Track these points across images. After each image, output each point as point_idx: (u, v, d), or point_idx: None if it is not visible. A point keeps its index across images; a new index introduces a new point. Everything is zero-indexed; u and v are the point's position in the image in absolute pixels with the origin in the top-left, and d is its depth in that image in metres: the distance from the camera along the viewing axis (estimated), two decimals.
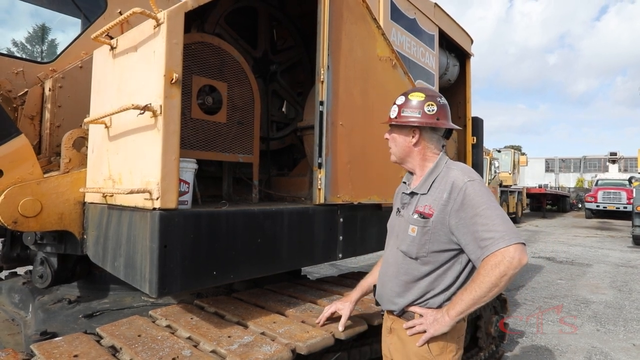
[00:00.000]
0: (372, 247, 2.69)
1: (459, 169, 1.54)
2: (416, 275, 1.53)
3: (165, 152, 1.54)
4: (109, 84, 1.93)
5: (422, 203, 1.54)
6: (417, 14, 3.07)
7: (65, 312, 2.22)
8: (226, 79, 2.22)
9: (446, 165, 1.58)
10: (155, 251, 1.53)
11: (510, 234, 1.36)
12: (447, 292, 1.51)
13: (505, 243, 1.34)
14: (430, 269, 1.51)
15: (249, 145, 2.33)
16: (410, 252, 1.53)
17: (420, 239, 1.50)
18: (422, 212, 1.51)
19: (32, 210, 1.91)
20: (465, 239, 1.43)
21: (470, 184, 1.45)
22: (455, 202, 1.44)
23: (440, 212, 1.47)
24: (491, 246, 1.35)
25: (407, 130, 1.60)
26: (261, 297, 2.32)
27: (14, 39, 4.44)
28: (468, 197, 1.43)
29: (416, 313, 1.55)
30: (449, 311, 1.44)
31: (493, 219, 1.38)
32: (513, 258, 1.32)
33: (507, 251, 1.33)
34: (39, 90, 3.09)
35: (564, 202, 25.72)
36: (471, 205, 1.41)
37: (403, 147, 1.62)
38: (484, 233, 1.38)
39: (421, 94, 1.59)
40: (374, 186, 2.52)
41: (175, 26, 1.57)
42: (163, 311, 2.06)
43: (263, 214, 1.93)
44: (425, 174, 1.59)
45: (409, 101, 1.59)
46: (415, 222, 1.52)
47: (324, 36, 2.16)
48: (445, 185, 1.49)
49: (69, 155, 2.12)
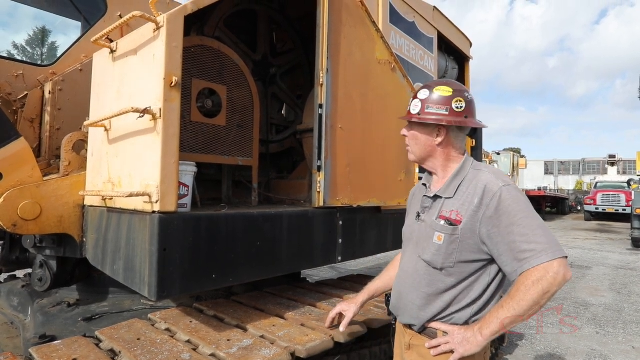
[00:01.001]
0: (372, 249, 2.69)
1: (490, 172, 1.39)
2: (440, 287, 1.39)
3: (164, 156, 1.54)
4: (108, 87, 1.93)
5: (447, 208, 1.39)
6: (416, 17, 3.08)
7: (65, 315, 2.22)
8: (226, 82, 2.23)
9: (473, 166, 1.44)
10: (154, 254, 1.53)
11: (554, 246, 1.23)
12: (473, 307, 1.37)
13: (549, 257, 1.21)
14: (456, 281, 1.37)
15: (249, 148, 2.33)
16: (435, 261, 1.38)
17: (447, 247, 1.35)
18: (448, 218, 1.36)
19: (32, 213, 1.91)
20: (500, 250, 1.29)
21: (505, 189, 1.31)
22: (488, 209, 1.30)
23: (470, 218, 1.32)
24: (532, 259, 1.22)
25: (432, 128, 1.44)
26: (260, 300, 2.32)
27: (14, 41, 4.46)
28: (504, 203, 1.29)
29: (439, 330, 1.40)
30: (482, 330, 1.28)
31: (534, 229, 1.25)
32: (557, 274, 1.20)
33: (551, 266, 1.20)
34: (39, 93, 3.09)
35: (563, 205, 25.74)
36: (507, 212, 1.28)
37: (425, 146, 1.47)
38: (523, 244, 1.24)
39: (448, 87, 1.42)
40: (373, 189, 2.52)
41: (174, 30, 1.57)
42: (162, 314, 2.06)
43: (262, 217, 1.93)
44: (450, 176, 1.44)
45: (434, 96, 1.41)
46: (442, 229, 1.37)
47: (323, 39, 2.17)
48: (476, 189, 1.35)
49: (68, 158, 2.12)
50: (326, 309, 2.21)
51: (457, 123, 1.41)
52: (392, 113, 2.56)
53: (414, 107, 1.45)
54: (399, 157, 2.70)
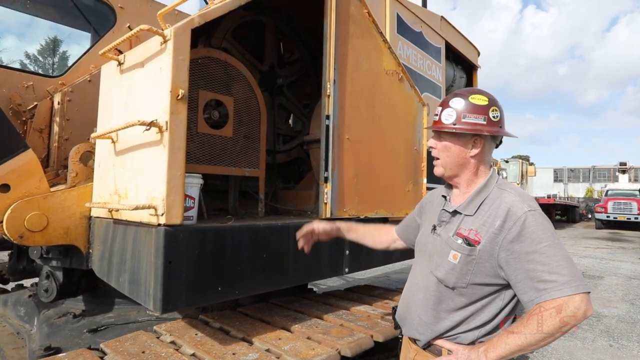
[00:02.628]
0: (379, 261, 2.66)
1: (515, 194, 1.32)
2: (450, 305, 1.34)
3: (170, 168, 1.53)
4: (116, 99, 1.94)
5: (466, 226, 1.33)
6: (424, 27, 3.08)
7: (70, 327, 2.21)
8: (232, 93, 2.23)
9: (497, 185, 1.36)
10: (159, 267, 1.52)
11: (577, 280, 1.17)
12: (482, 329, 1.32)
13: (571, 290, 1.15)
14: (467, 302, 1.32)
15: (255, 159, 2.33)
16: (448, 280, 1.32)
17: (461, 268, 1.29)
18: (467, 237, 1.31)
19: (39, 225, 1.91)
20: (517, 277, 1.23)
21: (531, 214, 1.24)
22: (510, 233, 1.23)
23: (489, 241, 1.26)
24: (552, 291, 1.16)
25: (467, 138, 1.36)
26: (267, 311, 2.29)
27: (26, 52, 4.52)
28: (527, 229, 1.22)
29: (444, 348, 1.35)
30: (488, 353, 1.22)
31: (557, 259, 1.19)
32: (578, 309, 1.13)
33: (572, 300, 1.14)
34: (48, 104, 3.13)
35: (574, 213, 25.40)
36: (531, 239, 1.21)
37: (459, 158, 1.38)
38: (544, 274, 1.18)
39: (484, 96, 1.36)
40: (380, 200, 2.49)
41: (181, 43, 1.58)
42: (168, 326, 2.04)
43: (269, 229, 1.91)
44: (473, 192, 1.37)
45: (470, 104, 1.34)
46: (459, 248, 1.31)
47: (330, 50, 2.16)
48: (499, 210, 1.28)
49: (75, 170, 2.13)
50: (333, 322, 2.18)
51: (494, 133, 1.35)
52: (400, 123, 2.55)
53: (446, 117, 1.36)
54: (406, 168, 2.67)
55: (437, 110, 1.42)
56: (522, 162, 19.57)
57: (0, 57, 11.31)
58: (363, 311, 2.38)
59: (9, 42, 13.48)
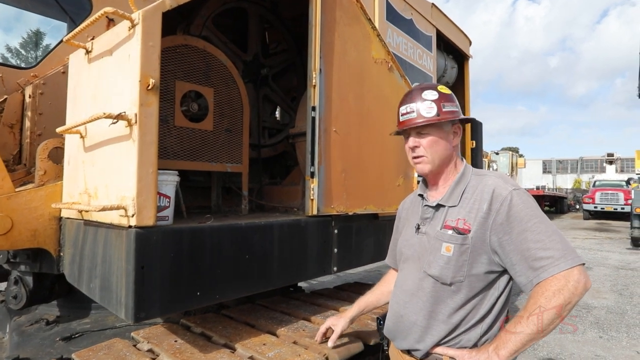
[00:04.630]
0: (369, 258, 2.56)
1: (495, 176, 1.31)
2: (449, 304, 1.26)
3: (141, 165, 1.41)
4: (84, 91, 1.80)
5: (453, 217, 1.29)
6: (414, 15, 2.96)
7: (42, 335, 2.08)
8: (212, 84, 2.10)
9: (474, 172, 1.36)
10: (130, 273, 1.40)
11: (571, 253, 1.14)
12: (482, 324, 1.25)
13: (568, 264, 1.12)
14: (465, 298, 1.25)
15: (238, 153, 2.20)
16: (445, 275, 1.25)
17: (457, 259, 1.23)
18: (456, 227, 1.25)
19: (2, 228, 1.77)
20: (512, 259, 1.19)
21: (516, 193, 1.22)
22: (498, 215, 1.20)
23: (479, 226, 1.22)
24: (550, 267, 1.12)
25: (448, 128, 1.35)
26: (252, 314, 2.19)
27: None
28: (515, 208, 1.19)
29: (445, 356, 1.25)
30: (499, 350, 1.15)
31: (549, 234, 1.16)
32: (578, 282, 1.10)
33: (571, 274, 1.11)
34: (19, 97, 2.95)
35: (562, 204, 25.68)
36: (519, 218, 1.18)
37: (446, 150, 1.35)
38: (538, 251, 1.14)
39: (444, 86, 1.39)
40: (369, 195, 2.39)
41: (151, 27, 1.44)
42: (146, 332, 1.92)
43: (251, 228, 1.80)
44: (452, 183, 1.34)
45: (443, 94, 1.33)
46: (451, 239, 1.25)
47: (315, 38, 2.04)
48: (482, 194, 1.25)
49: (43, 167, 1.99)
50: (320, 323, 2.07)
51: (466, 118, 1.39)
52: (389, 115, 2.43)
53: (427, 110, 1.31)
54: (396, 161, 2.57)
55: (409, 108, 1.36)
56: (512, 154, 19.69)
57: None
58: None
59: None
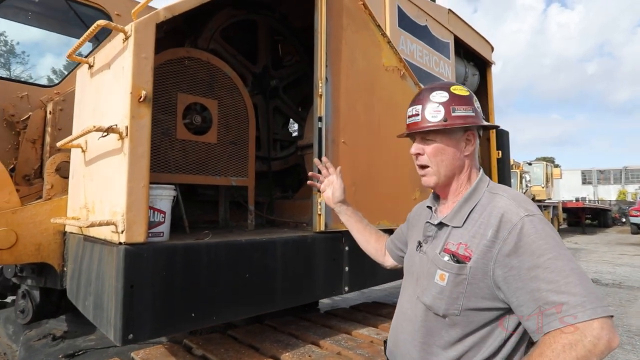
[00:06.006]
0: (385, 277, 2.41)
1: (509, 197, 1.10)
2: (444, 338, 1.10)
3: (131, 179, 1.36)
4: (86, 105, 1.80)
5: (454, 240, 1.12)
6: (429, 21, 2.84)
7: (47, 350, 2.07)
8: (217, 96, 2.05)
9: (488, 189, 1.15)
10: (119, 292, 1.34)
11: (594, 300, 0.91)
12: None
13: (587, 315, 0.89)
14: (462, 333, 1.08)
15: (243, 166, 2.14)
16: (437, 307, 1.10)
17: (451, 290, 1.07)
18: (455, 252, 1.09)
19: (7, 242, 1.77)
20: (519, 299, 0.99)
21: (528, 219, 1.01)
22: (505, 244, 1.01)
23: (481, 255, 1.04)
24: (563, 316, 0.91)
25: (459, 135, 1.16)
26: (258, 336, 2.08)
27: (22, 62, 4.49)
28: (526, 238, 1.00)
29: None
30: None
31: (566, 274, 0.94)
32: (599, 339, 0.87)
33: (590, 327, 0.89)
34: (41, 114, 3.04)
35: (605, 217, 24.14)
36: (530, 250, 0.98)
37: (454, 160, 1.17)
38: (549, 294, 0.94)
39: (461, 86, 1.19)
40: (383, 210, 2.26)
41: (143, 39, 1.41)
42: (146, 353, 1.86)
43: (251, 245, 1.71)
44: (461, 199, 1.16)
45: (456, 96, 1.15)
46: (446, 266, 1.09)
47: (321, 45, 1.96)
48: (490, 218, 1.07)
49: (51, 181, 2.00)
50: (329, 349, 1.95)
51: (486, 125, 1.20)
52: (402, 124, 2.30)
53: (433, 113, 1.15)
54: (412, 174, 2.42)
55: (414, 110, 1.20)
56: (546, 164, 18.77)
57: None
58: (366, 335, 2.13)
59: (7, 53, 14.15)
